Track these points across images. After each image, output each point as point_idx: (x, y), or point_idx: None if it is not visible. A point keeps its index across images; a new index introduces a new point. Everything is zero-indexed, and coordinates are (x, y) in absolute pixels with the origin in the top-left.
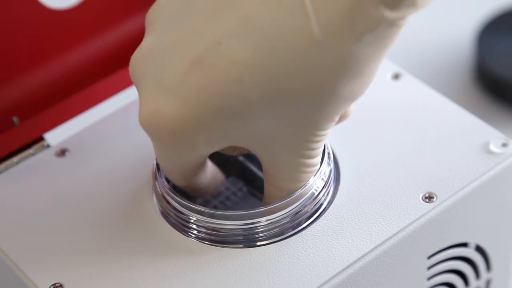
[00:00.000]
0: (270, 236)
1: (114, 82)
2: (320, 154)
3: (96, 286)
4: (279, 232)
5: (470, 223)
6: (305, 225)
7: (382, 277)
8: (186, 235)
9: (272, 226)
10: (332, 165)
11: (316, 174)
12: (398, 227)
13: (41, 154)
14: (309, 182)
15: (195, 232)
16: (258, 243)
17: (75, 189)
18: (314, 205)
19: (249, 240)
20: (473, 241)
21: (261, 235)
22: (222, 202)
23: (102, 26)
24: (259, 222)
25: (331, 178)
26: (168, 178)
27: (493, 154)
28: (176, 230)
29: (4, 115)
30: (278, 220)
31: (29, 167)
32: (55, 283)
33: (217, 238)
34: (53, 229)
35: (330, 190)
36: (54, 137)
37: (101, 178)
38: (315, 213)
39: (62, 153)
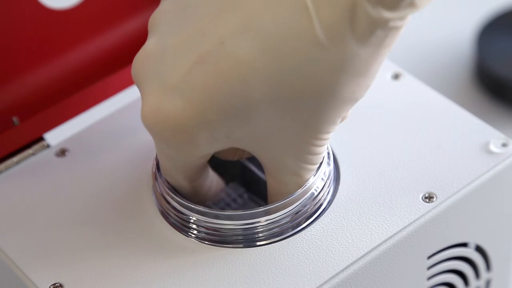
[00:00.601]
0: (270, 236)
1: (114, 82)
2: (322, 158)
3: (96, 286)
4: (279, 232)
5: (470, 223)
6: (305, 225)
7: (382, 277)
8: (186, 235)
9: (272, 226)
10: (332, 165)
11: (316, 174)
12: (398, 227)
13: (41, 154)
14: (309, 182)
15: (195, 232)
16: (258, 243)
17: (75, 189)
18: (314, 205)
19: (249, 240)
20: (473, 241)
21: (261, 235)
22: (222, 209)
23: (102, 26)
24: (259, 222)
25: (331, 178)
26: (168, 180)
27: (493, 154)
28: (176, 230)
29: (4, 115)
30: (278, 220)
31: (29, 167)
32: (55, 283)
33: (217, 238)
34: (53, 229)
35: (330, 190)
36: (54, 137)
37: (101, 178)
38: (315, 213)
39: (62, 153)
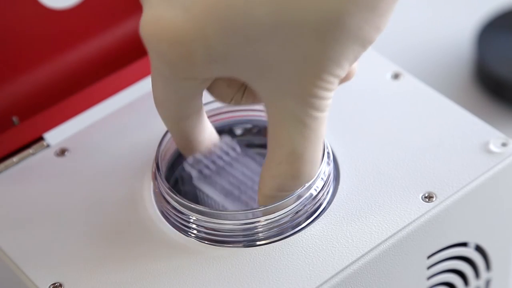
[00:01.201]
0: (270, 235)
1: (114, 82)
2: (326, 110)
3: (95, 285)
4: (279, 231)
5: (469, 223)
6: (304, 224)
7: (382, 276)
8: (185, 235)
9: (271, 226)
10: (331, 164)
11: (316, 173)
12: (398, 227)
13: (40, 153)
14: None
15: (195, 231)
16: (258, 243)
17: (75, 189)
18: (314, 204)
19: (248, 239)
20: (472, 240)
21: (260, 235)
22: (213, 162)
23: (102, 26)
24: (259, 221)
25: (331, 178)
26: (160, 115)
27: (492, 154)
28: (175, 229)
29: (4, 115)
30: (277, 219)
31: (29, 167)
32: (55, 283)
33: (216, 237)
34: (52, 228)
35: (329, 189)
36: (54, 136)
37: (100, 178)
38: (315, 212)
39: (62, 153)
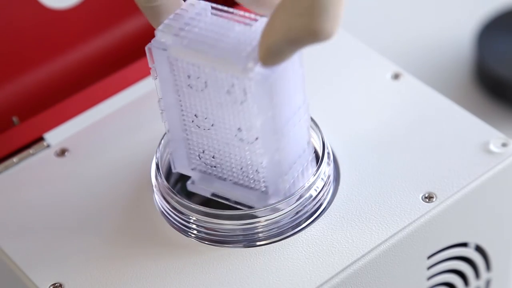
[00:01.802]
0: (270, 236)
1: (114, 82)
2: None
3: (96, 285)
4: (279, 232)
5: (470, 223)
6: (305, 225)
7: (382, 277)
8: (186, 235)
9: (272, 226)
10: (332, 165)
11: (316, 174)
12: (398, 227)
13: (41, 154)
14: (309, 182)
15: (195, 232)
16: (258, 243)
17: (75, 189)
18: (314, 205)
19: (249, 240)
20: (473, 241)
21: (261, 235)
22: (186, 24)
23: (102, 26)
24: (259, 222)
25: (331, 178)
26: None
27: (493, 154)
28: (176, 230)
29: (4, 115)
30: (278, 220)
31: (29, 167)
32: (55, 283)
33: (217, 238)
34: (53, 229)
35: (329, 190)
36: (54, 137)
37: (101, 178)
38: (315, 213)
39: (62, 153)
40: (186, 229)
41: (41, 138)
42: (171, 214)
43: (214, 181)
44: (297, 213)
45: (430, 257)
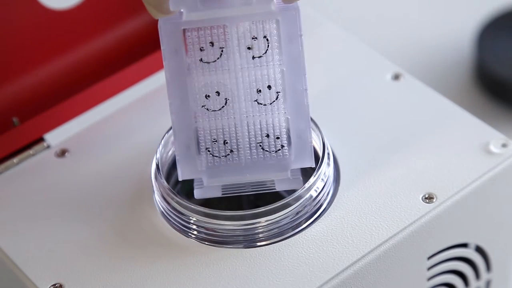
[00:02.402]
0: (270, 236)
1: (114, 83)
2: None
3: (96, 286)
4: (279, 232)
5: (470, 224)
6: (305, 225)
7: (382, 278)
8: (186, 236)
9: (272, 227)
10: (332, 165)
11: (316, 174)
12: (398, 228)
13: (41, 154)
14: (309, 182)
15: (195, 232)
16: (258, 244)
17: (75, 189)
18: (314, 205)
19: (249, 240)
20: (473, 241)
21: (261, 236)
22: None
23: (101, 27)
24: (259, 222)
25: (331, 179)
26: None
27: (493, 155)
28: (176, 230)
29: (4, 116)
30: (278, 220)
31: (29, 168)
32: (55, 284)
33: (217, 238)
34: (53, 229)
35: (330, 190)
36: (54, 137)
37: (101, 178)
38: (315, 213)
39: (62, 153)
40: (186, 229)
41: (41, 139)
42: (171, 214)
43: (226, 172)
44: (297, 213)
45: (430, 257)
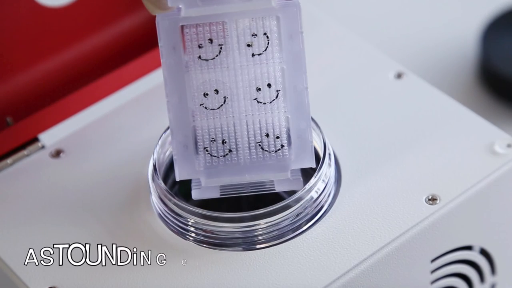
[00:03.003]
0: (270, 239)
1: (110, 81)
2: None
3: None
4: (279, 235)
5: (474, 226)
6: (305, 227)
7: (384, 281)
8: (184, 238)
9: (272, 229)
10: (333, 166)
11: (316, 175)
12: (401, 230)
13: (35, 155)
14: (310, 183)
15: (193, 235)
16: (258, 246)
17: (71, 191)
18: (315, 207)
19: (248, 243)
20: (477, 244)
21: (260, 238)
22: None
23: (96, 25)
24: (259, 224)
25: (332, 180)
26: None
27: (498, 155)
28: (173, 233)
29: None
30: (278, 222)
31: (23, 169)
32: (50, 287)
33: (215, 241)
34: (48, 231)
35: (331, 192)
36: (49, 137)
37: (97, 180)
38: (316, 215)
39: (57, 154)
40: (184, 232)
41: (35, 139)
42: (169, 216)
43: (224, 173)
44: (297, 215)
45: (433, 260)
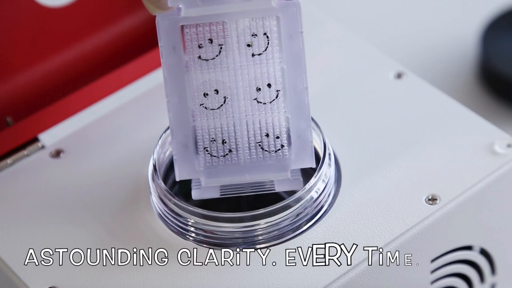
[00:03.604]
0: (270, 239)
1: (110, 81)
2: None
3: None
4: (279, 235)
5: (474, 226)
6: (305, 227)
7: (384, 281)
8: (184, 238)
9: (272, 229)
10: (333, 166)
11: (316, 175)
12: (401, 230)
13: (35, 155)
14: (310, 183)
15: (193, 235)
16: (258, 246)
17: (71, 191)
18: (315, 207)
19: (248, 243)
20: (477, 244)
21: (260, 238)
22: None
23: (96, 25)
24: (259, 224)
25: (332, 180)
26: None
27: (497, 155)
28: (173, 233)
29: None
30: (278, 222)
31: (23, 169)
32: (50, 287)
33: (215, 241)
34: (48, 231)
35: (331, 192)
36: (49, 137)
37: (97, 180)
38: (316, 215)
39: (57, 154)
40: (184, 232)
41: (35, 139)
42: (169, 216)
43: (224, 173)
44: (297, 215)
45: (433, 260)
